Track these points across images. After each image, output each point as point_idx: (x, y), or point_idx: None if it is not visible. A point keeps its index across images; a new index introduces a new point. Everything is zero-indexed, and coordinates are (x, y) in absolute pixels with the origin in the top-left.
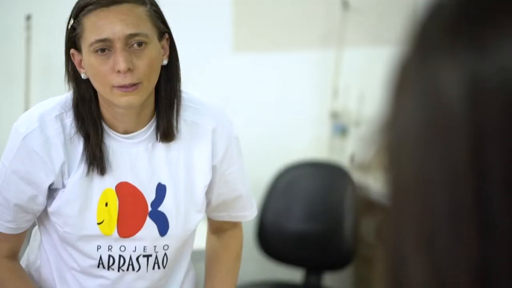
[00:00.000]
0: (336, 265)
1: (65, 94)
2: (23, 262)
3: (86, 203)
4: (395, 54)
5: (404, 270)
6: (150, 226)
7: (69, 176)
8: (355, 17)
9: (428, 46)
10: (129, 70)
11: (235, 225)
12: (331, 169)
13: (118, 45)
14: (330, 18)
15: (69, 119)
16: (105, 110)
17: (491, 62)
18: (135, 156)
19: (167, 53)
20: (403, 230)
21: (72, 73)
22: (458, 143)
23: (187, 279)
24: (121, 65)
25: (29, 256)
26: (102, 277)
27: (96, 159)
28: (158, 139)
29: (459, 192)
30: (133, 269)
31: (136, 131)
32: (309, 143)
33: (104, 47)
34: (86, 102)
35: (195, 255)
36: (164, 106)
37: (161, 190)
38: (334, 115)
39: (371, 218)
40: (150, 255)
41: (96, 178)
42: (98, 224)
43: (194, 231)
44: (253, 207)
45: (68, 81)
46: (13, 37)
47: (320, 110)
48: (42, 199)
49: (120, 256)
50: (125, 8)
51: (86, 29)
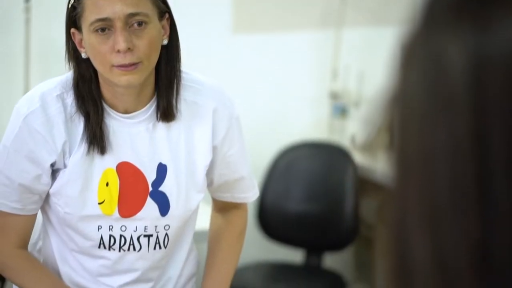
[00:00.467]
0: (337, 246)
1: (66, 74)
2: None
3: (87, 183)
4: (400, 31)
5: (407, 248)
6: (151, 206)
7: (70, 156)
8: None
9: (434, 22)
10: (129, 50)
11: (239, 206)
12: (331, 150)
13: (118, 25)
14: None
15: (70, 99)
16: (105, 90)
17: (496, 38)
18: (136, 136)
19: (167, 33)
20: (406, 207)
21: (73, 53)
22: (462, 118)
23: (189, 260)
24: (121, 45)
25: (31, 238)
26: (103, 257)
27: (96, 138)
28: (159, 119)
29: (462, 169)
30: (134, 249)
31: (136, 111)
32: (309, 124)
33: (104, 27)
34: (86, 82)
35: (198, 236)
36: (164, 86)
37: (162, 170)
38: (334, 96)
39: (372, 199)
40: (151, 235)
41: (97, 158)
42: (99, 204)
43: (196, 212)
44: (255, 189)
45: (69, 61)
46: (13, 20)
47: (320, 91)
48: (47, 179)
49: (121, 236)
50: None
51: (87, 8)
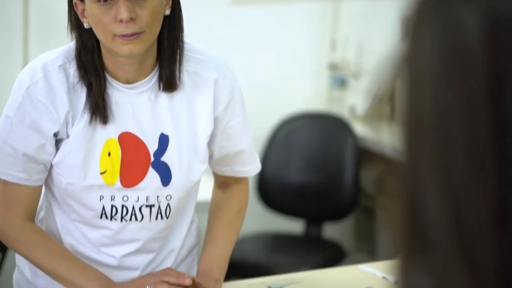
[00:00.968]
0: (336, 216)
1: (68, 44)
2: None
3: (89, 153)
4: (401, 1)
5: (422, 210)
6: (153, 176)
7: (73, 126)
8: None
9: None
10: (132, 20)
11: (240, 181)
12: (331, 120)
13: None
14: None
15: (72, 69)
16: (108, 60)
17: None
18: (138, 106)
19: (170, 3)
20: (420, 169)
21: (75, 23)
22: (477, 75)
23: (191, 231)
24: (124, 15)
25: None
26: (105, 228)
27: (99, 108)
28: (161, 89)
29: (477, 125)
30: (136, 219)
31: (139, 81)
32: (308, 95)
33: None
34: (89, 52)
35: (199, 207)
36: (167, 56)
37: (164, 140)
38: (333, 67)
39: (371, 169)
40: (153, 205)
41: (99, 128)
42: (101, 174)
43: (198, 183)
44: (256, 162)
45: (71, 31)
46: None
47: (319, 62)
48: (51, 148)
49: (123, 206)
50: None
51: None
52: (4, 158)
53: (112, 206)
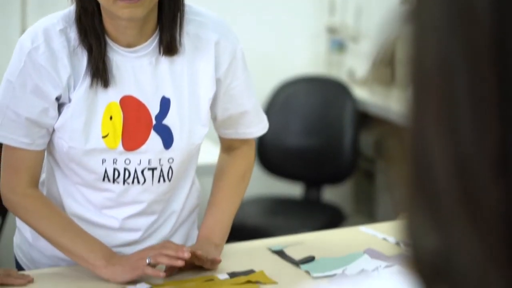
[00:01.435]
0: (335, 179)
1: (68, 9)
2: None
3: (91, 117)
4: None
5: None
6: (155, 139)
7: (75, 90)
8: None
9: None
10: None
11: (246, 143)
12: (330, 84)
13: None
14: None
15: (73, 33)
16: (108, 24)
17: None
18: (139, 70)
19: None
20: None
21: None
22: (481, 24)
23: (191, 193)
24: None
25: None
26: (108, 190)
27: (99, 72)
28: (161, 53)
29: (481, 77)
30: (138, 182)
31: (139, 45)
32: (307, 59)
33: None
34: (89, 15)
35: (200, 170)
36: (168, 20)
37: (165, 104)
38: (332, 30)
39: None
40: (155, 168)
41: (100, 92)
42: (103, 138)
43: (199, 146)
44: (262, 123)
45: None
46: None
47: (318, 26)
48: (53, 112)
49: (125, 169)
50: None
51: None
52: (7, 123)
53: (115, 169)
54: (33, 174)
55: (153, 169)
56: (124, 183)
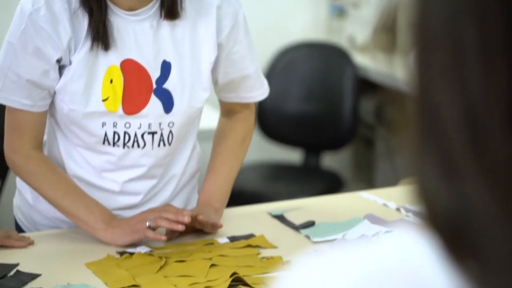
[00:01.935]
0: (335, 146)
1: None
2: None
3: (92, 80)
4: None
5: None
6: (155, 103)
7: (75, 53)
8: None
9: None
10: None
11: (246, 107)
12: (330, 50)
13: None
14: None
15: None
16: None
17: None
18: (140, 33)
19: None
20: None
21: None
22: None
23: (192, 157)
24: None
25: None
26: (108, 153)
27: (100, 35)
28: (163, 17)
29: (488, 26)
30: (138, 146)
31: (140, 8)
32: (307, 25)
33: None
34: None
35: (202, 135)
36: None
37: (166, 67)
38: None
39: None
40: (155, 132)
41: (101, 55)
42: (103, 101)
43: (200, 110)
44: (263, 87)
45: None
46: None
47: None
48: (54, 74)
49: (125, 133)
50: None
51: None
52: (9, 85)
53: (115, 133)
54: (36, 136)
55: (153, 133)
56: (124, 147)
